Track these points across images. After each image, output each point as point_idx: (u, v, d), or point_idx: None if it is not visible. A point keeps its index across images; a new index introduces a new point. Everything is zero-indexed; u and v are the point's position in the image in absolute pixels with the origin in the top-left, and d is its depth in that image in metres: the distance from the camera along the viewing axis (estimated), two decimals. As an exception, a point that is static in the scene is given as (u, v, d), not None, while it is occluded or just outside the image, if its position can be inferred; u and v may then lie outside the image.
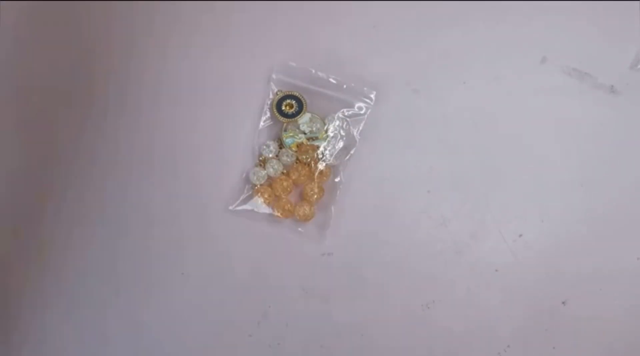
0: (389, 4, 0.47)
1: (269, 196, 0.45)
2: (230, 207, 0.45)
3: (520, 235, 0.45)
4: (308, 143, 0.45)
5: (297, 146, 0.45)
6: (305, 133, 0.45)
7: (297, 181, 0.45)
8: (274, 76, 0.46)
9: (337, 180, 0.45)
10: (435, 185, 0.45)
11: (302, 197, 0.45)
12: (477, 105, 0.46)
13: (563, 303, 0.44)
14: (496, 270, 0.45)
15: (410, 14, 0.47)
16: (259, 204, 0.45)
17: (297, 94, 0.45)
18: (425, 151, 0.46)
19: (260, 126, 0.46)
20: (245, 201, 0.45)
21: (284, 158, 0.45)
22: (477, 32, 0.47)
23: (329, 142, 0.45)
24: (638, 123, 0.46)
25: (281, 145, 0.46)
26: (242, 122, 0.46)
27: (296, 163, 0.45)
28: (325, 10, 0.47)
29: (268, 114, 0.46)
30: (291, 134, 0.45)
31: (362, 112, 0.45)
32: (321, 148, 0.45)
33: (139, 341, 0.44)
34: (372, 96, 0.45)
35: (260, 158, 0.45)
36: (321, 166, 0.45)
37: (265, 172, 0.45)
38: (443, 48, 0.47)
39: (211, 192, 0.45)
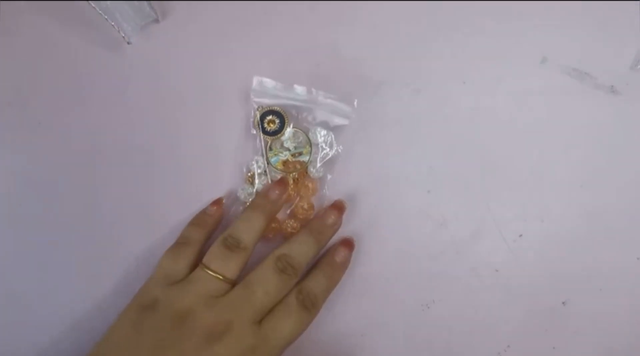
0: (389, 4, 0.47)
1: None
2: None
3: (520, 235, 0.45)
4: (293, 159, 0.45)
5: (283, 163, 0.45)
6: (289, 150, 0.45)
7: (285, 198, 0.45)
8: (253, 93, 0.45)
9: (324, 191, 0.45)
10: (435, 185, 0.46)
11: (293, 216, 0.45)
12: (477, 105, 0.46)
13: (563, 303, 0.44)
14: (496, 270, 0.45)
15: (410, 14, 0.47)
16: None
17: (279, 109, 0.45)
18: (425, 151, 0.46)
19: (245, 143, 0.45)
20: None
21: (271, 174, 0.45)
22: (477, 32, 0.47)
23: (313, 155, 0.45)
24: (638, 123, 0.46)
25: (267, 162, 0.45)
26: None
27: None
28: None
29: (253, 131, 0.45)
30: (275, 153, 0.45)
31: (345, 122, 0.45)
32: (307, 163, 0.45)
33: None
34: (355, 103, 0.45)
35: (249, 174, 0.45)
36: (308, 181, 0.45)
37: (254, 188, 0.45)
38: (443, 48, 0.47)
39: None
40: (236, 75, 0.47)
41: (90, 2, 0.43)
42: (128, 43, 0.45)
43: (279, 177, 0.44)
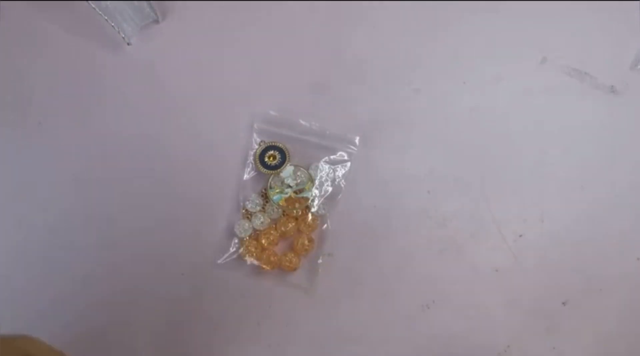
0: (389, 4, 0.47)
1: (256, 249, 0.44)
2: (219, 261, 0.44)
3: (520, 235, 0.45)
4: (295, 196, 0.44)
5: (285, 201, 0.44)
6: (291, 187, 0.44)
7: (285, 234, 0.45)
8: (255, 126, 0.45)
9: (324, 227, 0.45)
10: (435, 185, 0.45)
11: (292, 250, 0.45)
12: (478, 105, 0.46)
13: (563, 303, 0.44)
14: (496, 270, 0.45)
15: (410, 14, 0.47)
16: (246, 256, 0.44)
17: (281, 145, 0.45)
18: (425, 151, 0.46)
19: (245, 177, 0.45)
20: (233, 254, 0.44)
21: (270, 211, 0.45)
22: (478, 32, 0.47)
23: (315, 192, 0.45)
24: (638, 124, 0.46)
25: (267, 198, 0.45)
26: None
27: (283, 216, 0.45)
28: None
29: (252, 165, 0.45)
30: (278, 190, 0.44)
31: (346, 157, 0.45)
32: (309, 200, 0.44)
33: None
34: (356, 141, 0.45)
35: (244, 211, 0.45)
36: (309, 217, 0.44)
37: (251, 224, 0.44)
38: (443, 48, 0.47)
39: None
40: (236, 74, 0.47)
41: (90, 2, 0.43)
42: (128, 44, 0.45)
43: (278, 212, 0.44)
